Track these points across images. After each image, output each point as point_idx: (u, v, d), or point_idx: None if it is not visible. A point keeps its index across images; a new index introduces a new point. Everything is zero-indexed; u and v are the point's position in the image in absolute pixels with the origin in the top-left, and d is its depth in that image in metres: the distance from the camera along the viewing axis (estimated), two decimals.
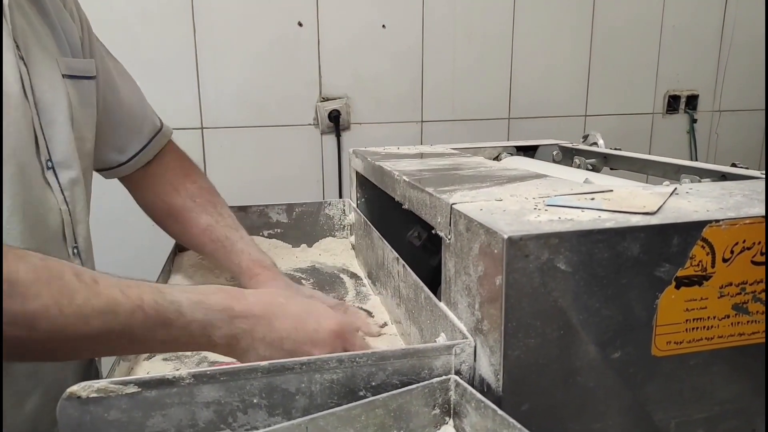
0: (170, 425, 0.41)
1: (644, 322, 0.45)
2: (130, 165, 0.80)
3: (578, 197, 0.52)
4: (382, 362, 0.45)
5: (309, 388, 0.44)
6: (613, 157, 0.97)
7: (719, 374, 0.48)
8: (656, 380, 0.47)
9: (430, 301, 0.56)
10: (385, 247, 0.74)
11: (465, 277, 0.49)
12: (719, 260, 0.46)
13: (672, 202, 0.51)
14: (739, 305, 0.47)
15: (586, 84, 1.84)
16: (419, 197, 0.62)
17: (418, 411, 0.44)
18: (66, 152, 0.62)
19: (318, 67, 1.60)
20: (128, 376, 0.41)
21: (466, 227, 0.48)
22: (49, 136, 0.60)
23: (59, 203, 0.61)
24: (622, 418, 0.47)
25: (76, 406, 0.39)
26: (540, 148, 1.14)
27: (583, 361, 0.45)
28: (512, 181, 0.64)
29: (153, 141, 0.81)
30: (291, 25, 1.56)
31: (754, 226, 0.46)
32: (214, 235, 0.80)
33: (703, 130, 2.01)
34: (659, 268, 0.44)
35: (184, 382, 0.41)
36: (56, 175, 0.61)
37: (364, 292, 0.85)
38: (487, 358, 0.46)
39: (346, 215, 1.07)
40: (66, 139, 0.62)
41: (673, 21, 1.87)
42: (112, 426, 0.40)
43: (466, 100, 1.73)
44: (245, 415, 0.43)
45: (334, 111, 1.61)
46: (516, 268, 0.42)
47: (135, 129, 0.79)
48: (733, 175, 0.69)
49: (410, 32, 1.65)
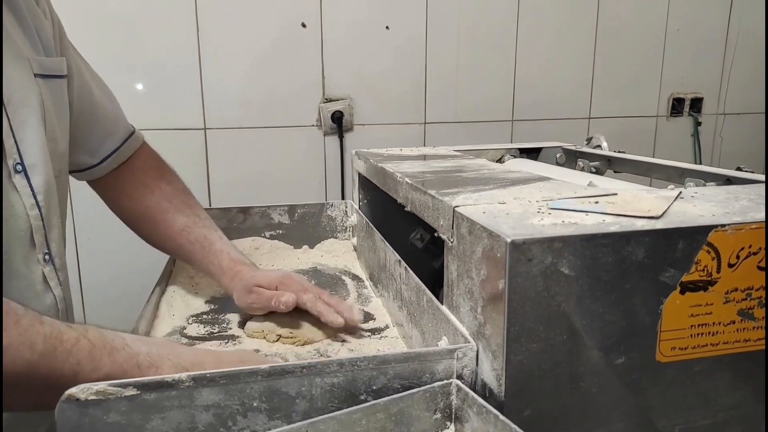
0: (169, 428, 0.41)
1: (648, 327, 0.45)
2: (102, 167, 0.78)
3: (582, 201, 0.52)
4: (383, 366, 0.44)
5: (309, 391, 0.43)
6: (616, 160, 0.96)
7: (724, 381, 0.48)
8: (660, 386, 0.46)
9: (432, 304, 0.56)
10: (387, 249, 0.74)
11: (467, 280, 0.49)
12: (725, 265, 0.45)
13: (677, 206, 0.51)
14: (744, 311, 0.47)
15: (590, 86, 1.84)
16: (422, 199, 0.62)
17: (420, 415, 0.44)
18: (38, 154, 0.59)
19: (321, 68, 1.60)
20: (128, 379, 0.40)
21: (469, 230, 0.48)
22: (21, 138, 0.58)
23: (27, 208, 0.58)
24: (625, 424, 0.47)
25: (75, 409, 0.39)
26: (543, 150, 1.14)
27: (587, 366, 0.44)
28: (515, 183, 0.63)
29: (126, 143, 0.79)
30: (294, 26, 1.56)
31: (760, 231, 0.45)
32: (191, 236, 0.78)
33: (708, 133, 2.00)
34: (664, 273, 0.44)
35: (183, 384, 0.41)
36: (28, 179, 0.58)
37: (365, 294, 0.84)
38: (489, 362, 0.45)
39: (348, 217, 1.07)
40: (38, 141, 0.59)
41: (678, 24, 1.87)
42: (110, 429, 0.40)
43: (470, 102, 1.73)
44: (245, 418, 0.42)
45: (337, 112, 1.60)
46: (519, 272, 0.41)
47: (108, 131, 0.78)
48: (739, 179, 0.69)
49: (414, 34, 1.64)
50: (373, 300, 0.82)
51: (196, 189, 0.86)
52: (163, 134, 1.51)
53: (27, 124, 0.58)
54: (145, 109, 1.50)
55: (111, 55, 1.45)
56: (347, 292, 0.85)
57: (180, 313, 0.77)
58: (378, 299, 0.81)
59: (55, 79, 0.65)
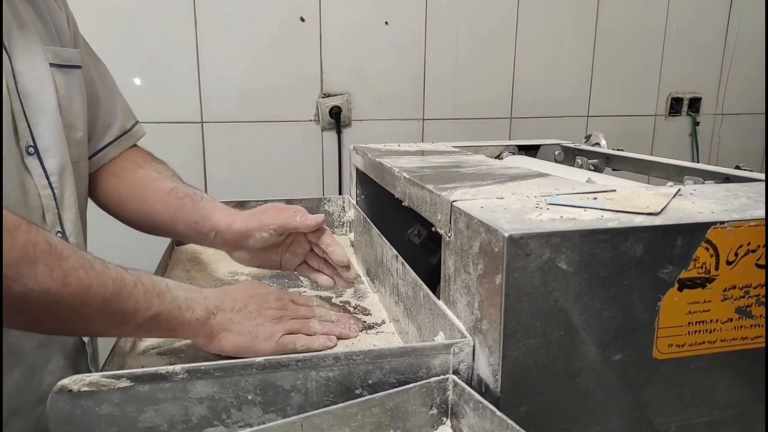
0: (163, 420, 0.41)
1: (646, 324, 0.45)
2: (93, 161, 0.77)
3: (580, 196, 0.52)
4: (379, 360, 0.44)
5: (304, 385, 0.43)
6: (615, 157, 0.96)
7: (721, 378, 0.48)
8: (657, 383, 0.46)
9: (428, 299, 0.56)
10: (384, 244, 0.73)
11: (464, 275, 0.48)
12: (723, 263, 0.45)
13: (676, 203, 0.50)
14: (742, 308, 0.46)
15: (589, 84, 1.84)
16: (419, 194, 0.61)
17: (416, 411, 0.44)
18: (52, 139, 0.62)
19: (320, 62, 1.59)
20: (121, 370, 0.40)
21: (467, 225, 0.48)
22: (35, 123, 0.61)
23: (39, 188, 0.62)
24: (621, 421, 0.47)
25: (67, 400, 0.39)
26: (542, 147, 1.14)
27: (583, 362, 0.44)
28: (514, 179, 0.63)
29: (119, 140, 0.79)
30: (293, 20, 1.55)
31: (758, 229, 0.45)
32: (181, 193, 0.74)
33: (705, 133, 2.00)
34: (662, 269, 0.44)
35: (177, 377, 0.40)
36: (41, 160, 0.62)
37: (362, 289, 0.84)
38: (485, 357, 0.45)
39: (345, 212, 1.06)
40: (53, 126, 0.62)
41: (677, 23, 1.87)
42: (103, 420, 0.39)
43: (468, 99, 1.72)
44: (239, 411, 0.42)
45: (335, 107, 1.60)
46: (516, 267, 0.41)
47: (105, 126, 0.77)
48: (737, 178, 0.69)
49: (413, 29, 1.64)
50: (369, 295, 0.81)
51: (192, 182, 0.85)
52: (160, 128, 1.50)
53: (42, 110, 0.62)
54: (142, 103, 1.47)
55: (108, 48, 1.42)
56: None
57: None
58: (374, 295, 0.81)
59: (71, 69, 0.67)
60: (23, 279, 0.43)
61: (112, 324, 0.51)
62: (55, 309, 0.46)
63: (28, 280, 0.44)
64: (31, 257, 0.44)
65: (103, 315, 0.49)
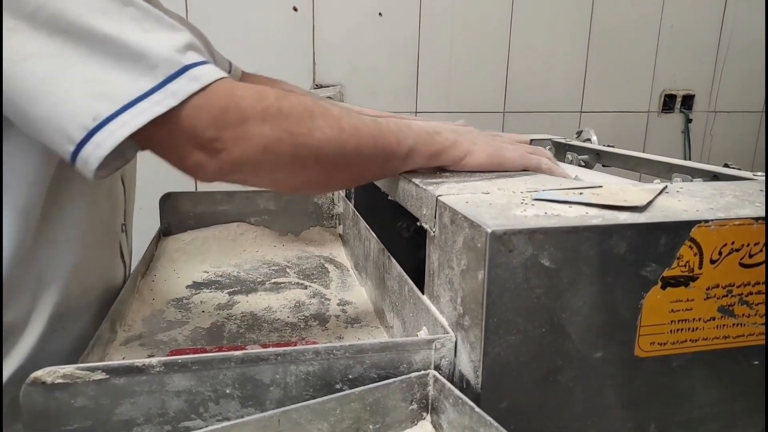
0: (139, 414, 0.40)
1: (628, 322, 0.44)
2: None
3: (566, 192, 0.51)
4: (359, 355, 0.44)
5: (284, 379, 0.43)
6: (606, 153, 0.96)
7: (701, 377, 0.48)
8: (638, 381, 0.46)
9: (413, 293, 0.55)
10: (371, 237, 0.73)
11: (448, 270, 0.48)
12: (707, 261, 0.45)
13: (662, 200, 0.50)
14: (725, 307, 0.46)
15: (583, 80, 1.83)
16: (405, 188, 0.61)
17: (396, 405, 0.43)
18: None
19: (312, 53, 1.58)
20: (96, 362, 0.40)
21: (451, 220, 0.47)
22: None
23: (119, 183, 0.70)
24: (601, 418, 0.46)
25: (41, 392, 0.38)
26: (533, 142, 1.13)
27: (565, 359, 0.44)
28: (501, 174, 0.63)
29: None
30: (286, 10, 1.53)
31: (743, 228, 0.45)
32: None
33: (698, 131, 2.00)
34: (645, 267, 0.44)
35: (154, 370, 0.40)
36: None
37: (349, 282, 0.84)
38: (467, 353, 0.45)
39: (334, 205, 1.06)
40: None
41: (672, 20, 1.86)
42: (78, 413, 0.39)
43: (462, 93, 1.72)
44: (217, 405, 0.42)
45: (328, 99, 1.59)
46: (499, 263, 0.41)
47: None
48: (725, 176, 0.69)
49: (407, 22, 1.63)
50: (356, 288, 0.81)
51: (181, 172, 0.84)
52: None
53: None
54: None
55: None
56: (330, 279, 0.85)
57: (160, 297, 0.76)
58: (361, 288, 0.81)
59: None
60: (314, 132, 0.49)
61: (384, 160, 0.56)
62: (341, 154, 0.51)
63: (316, 132, 0.49)
64: (309, 113, 0.49)
65: (375, 151, 0.54)
